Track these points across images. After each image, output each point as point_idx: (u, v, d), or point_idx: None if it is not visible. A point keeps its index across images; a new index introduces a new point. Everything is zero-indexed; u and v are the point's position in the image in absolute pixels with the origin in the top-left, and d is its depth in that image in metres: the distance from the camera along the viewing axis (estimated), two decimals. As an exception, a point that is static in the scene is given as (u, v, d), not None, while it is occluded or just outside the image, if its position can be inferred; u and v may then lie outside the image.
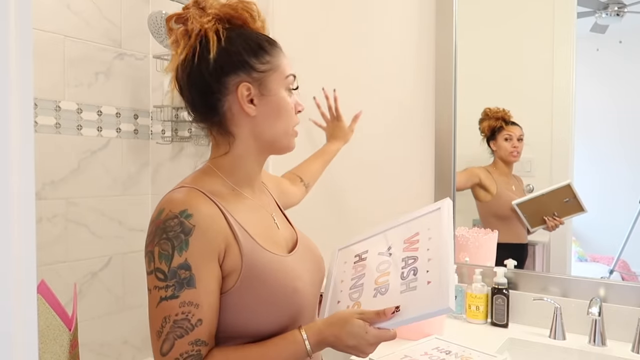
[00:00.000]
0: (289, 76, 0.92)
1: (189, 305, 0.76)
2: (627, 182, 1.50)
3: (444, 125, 1.63)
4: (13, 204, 0.32)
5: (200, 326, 0.76)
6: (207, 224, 0.79)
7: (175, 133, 2.27)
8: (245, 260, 0.81)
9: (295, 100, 0.93)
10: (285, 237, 0.95)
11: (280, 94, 0.90)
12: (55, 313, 0.88)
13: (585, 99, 1.51)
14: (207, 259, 0.78)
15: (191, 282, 0.76)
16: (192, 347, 0.76)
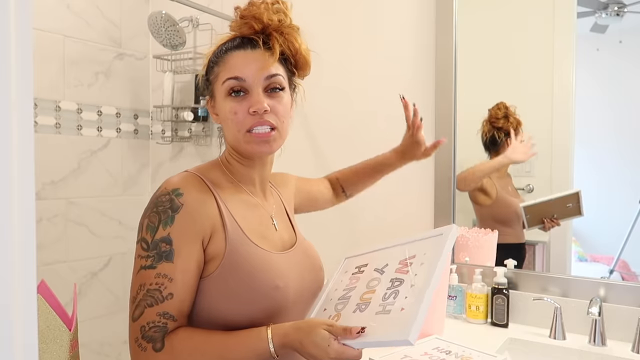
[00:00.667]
0: (225, 81, 0.89)
1: (163, 277, 0.79)
2: (627, 182, 1.50)
3: (444, 125, 1.63)
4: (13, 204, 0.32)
5: (170, 300, 0.79)
6: (196, 206, 0.83)
7: (175, 133, 2.27)
8: (229, 248, 0.84)
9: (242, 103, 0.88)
10: (283, 238, 0.97)
11: (221, 102, 0.91)
12: (55, 313, 0.88)
13: (585, 98, 1.51)
14: (190, 238, 0.81)
15: (170, 256, 0.80)
16: (160, 318, 0.78)
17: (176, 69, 2.20)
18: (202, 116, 2.12)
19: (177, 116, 2.21)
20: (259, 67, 0.88)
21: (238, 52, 0.90)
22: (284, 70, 0.94)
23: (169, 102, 2.16)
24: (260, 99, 0.88)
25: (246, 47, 0.90)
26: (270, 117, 0.89)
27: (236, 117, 0.88)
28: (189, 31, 2.16)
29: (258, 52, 0.90)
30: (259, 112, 0.87)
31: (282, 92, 0.92)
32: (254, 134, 0.88)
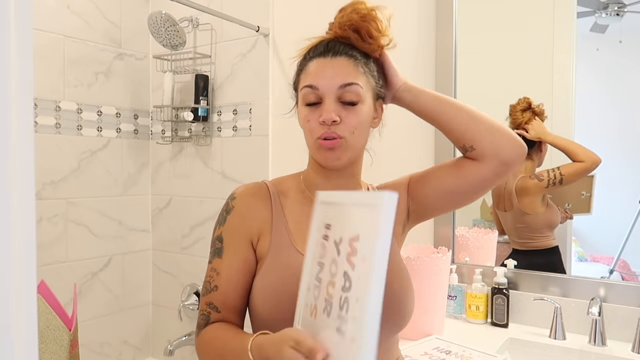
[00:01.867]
0: (301, 89, 0.90)
1: (213, 271, 0.90)
2: (627, 182, 1.50)
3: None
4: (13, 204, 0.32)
5: (214, 292, 0.89)
6: (245, 209, 0.92)
7: (175, 133, 2.27)
8: (272, 251, 0.88)
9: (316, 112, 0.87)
10: None
11: (300, 109, 0.92)
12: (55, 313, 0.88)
13: (585, 98, 1.51)
14: (238, 238, 0.90)
15: (220, 253, 0.90)
16: (207, 307, 0.89)
17: (176, 69, 2.20)
18: (202, 116, 2.12)
19: (177, 116, 2.21)
20: (334, 75, 0.87)
21: (318, 60, 0.89)
22: (365, 80, 0.89)
23: (169, 102, 2.16)
24: (330, 108, 0.86)
25: (327, 54, 0.89)
26: (339, 128, 0.86)
27: (309, 124, 0.88)
28: (189, 31, 2.16)
29: (338, 60, 0.88)
30: (327, 122, 0.86)
31: (358, 104, 0.88)
32: (322, 142, 0.87)
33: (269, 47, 1.99)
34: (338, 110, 0.86)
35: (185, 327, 2.26)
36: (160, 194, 2.36)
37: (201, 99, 2.11)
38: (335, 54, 0.88)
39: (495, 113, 1.67)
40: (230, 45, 2.10)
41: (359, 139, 0.90)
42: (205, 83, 2.12)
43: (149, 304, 2.42)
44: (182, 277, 2.29)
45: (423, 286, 1.34)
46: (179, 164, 2.29)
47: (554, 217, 1.58)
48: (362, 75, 0.89)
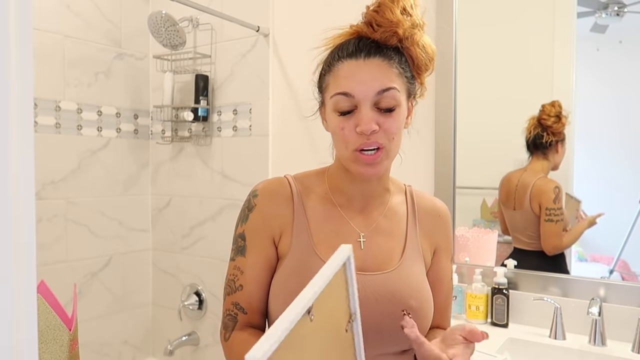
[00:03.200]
0: (332, 96, 0.82)
1: (237, 270, 0.88)
2: (627, 182, 1.50)
3: (444, 125, 1.63)
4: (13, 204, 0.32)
5: (240, 291, 0.87)
6: (267, 206, 0.89)
7: (175, 133, 2.27)
8: (292, 251, 0.86)
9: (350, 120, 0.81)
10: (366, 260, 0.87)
11: (329, 114, 0.85)
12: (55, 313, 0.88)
13: (585, 98, 1.51)
14: (260, 235, 0.88)
15: (244, 251, 0.88)
16: (233, 307, 0.87)
17: (176, 69, 2.20)
18: (202, 116, 2.12)
19: (177, 116, 2.21)
20: (370, 80, 0.80)
21: (350, 62, 0.81)
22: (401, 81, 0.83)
23: (169, 102, 2.16)
24: (368, 118, 0.79)
25: (359, 55, 0.81)
26: (379, 136, 0.80)
27: (343, 132, 0.81)
28: (189, 31, 2.16)
29: (372, 62, 0.81)
30: (366, 132, 0.79)
31: (396, 109, 0.82)
32: (361, 155, 0.81)
33: (269, 47, 1.99)
34: (376, 118, 0.80)
35: (185, 327, 2.26)
36: (160, 194, 2.36)
37: (201, 99, 2.11)
38: (368, 55, 0.81)
39: (494, 113, 1.67)
40: (230, 45, 2.10)
41: (396, 145, 0.85)
42: (205, 83, 2.12)
43: (149, 304, 2.42)
44: (182, 277, 2.29)
45: (423, 286, 1.34)
46: (179, 164, 2.29)
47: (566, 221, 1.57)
48: (397, 76, 0.82)
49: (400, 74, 0.83)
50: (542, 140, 1.53)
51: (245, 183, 2.04)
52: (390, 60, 0.82)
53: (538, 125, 1.54)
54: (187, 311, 2.24)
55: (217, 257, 2.15)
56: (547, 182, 1.55)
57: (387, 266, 0.87)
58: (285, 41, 1.97)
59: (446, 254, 0.95)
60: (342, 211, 0.90)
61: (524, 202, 1.57)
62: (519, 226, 1.61)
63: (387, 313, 0.83)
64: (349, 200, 0.91)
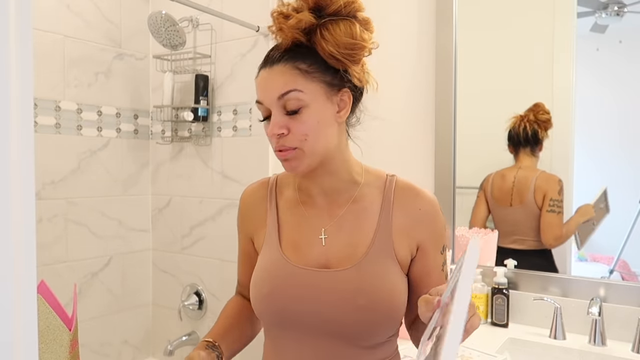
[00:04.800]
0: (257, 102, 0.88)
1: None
2: (627, 182, 1.50)
3: (444, 125, 1.63)
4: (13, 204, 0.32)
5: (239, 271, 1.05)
6: (245, 209, 1.01)
7: (175, 133, 2.27)
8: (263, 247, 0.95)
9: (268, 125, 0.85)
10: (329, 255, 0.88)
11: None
12: (55, 313, 0.88)
13: (585, 98, 1.51)
14: (241, 233, 1.02)
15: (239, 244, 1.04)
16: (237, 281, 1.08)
17: (176, 69, 2.20)
18: (202, 116, 2.12)
19: (177, 116, 2.21)
20: (271, 88, 0.83)
21: (262, 72, 0.86)
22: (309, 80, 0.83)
23: (169, 102, 2.16)
24: (274, 122, 0.83)
25: (267, 64, 0.86)
26: (288, 140, 0.83)
27: (269, 137, 0.87)
28: (189, 31, 2.16)
29: (275, 69, 0.83)
30: (272, 137, 0.85)
31: (303, 109, 0.82)
32: (277, 153, 0.86)
33: (269, 47, 1.98)
34: (285, 122, 0.83)
35: (185, 327, 2.26)
36: (160, 194, 2.36)
37: (201, 99, 2.11)
38: (272, 63, 0.84)
39: (494, 113, 1.67)
40: (230, 45, 2.10)
41: (314, 144, 0.84)
42: (205, 83, 2.12)
43: (149, 304, 2.42)
44: (182, 277, 2.29)
45: (423, 286, 1.34)
46: (179, 164, 2.29)
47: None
48: (302, 76, 0.82)
49: (306, 73, 0.82)
50: (538, 137, 1.56)
51: (245, 183, 2.04)
52: (294, 62, 0.83)
53: (534, 122, 1.56)
54: (187, 311, 2.24)
55: (217, 257, 2.15)
56: (551, 176, 1.58)
57: (347, 263, 0.86)
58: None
59: (434, 247, 0.91)
60: (304, 208, 0.94)
61: (526, 196, 1.58)
62: (513, 223, 1.62)
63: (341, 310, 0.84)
64: (312, 197, 0.94)
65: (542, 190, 1.56)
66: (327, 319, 0.84)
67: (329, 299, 0.84)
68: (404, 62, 1.72)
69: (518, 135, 1.59)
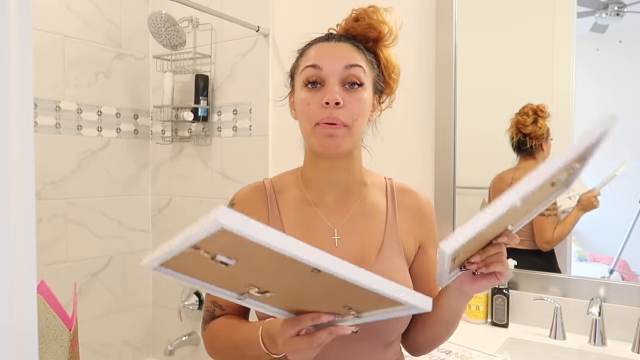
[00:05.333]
0: (302, 70, 0.86)
1: None
2: (627, 182, 1.50)
3: (444, 125, 1.63)
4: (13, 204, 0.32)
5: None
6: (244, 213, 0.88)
7: (175, 133, 2.27)
8: None
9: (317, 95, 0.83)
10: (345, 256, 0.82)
11: (298, 92, 0.88)
12: (55, 313, 0.88)
13: (585, 98, 1.51)
14: None
15: None
16: (210, 305, 0.92)
17: (176, 69, 2.20)
18: (202, 116, 2.12)
19: (177, 116, 2.21)
20: (339, 56, 0.84)
21: (322, 43, 0.88)
22: (368, 67, 0.87)
23: (169, 102, 2.16)
24: (334, 89, 0.82)
25: (330, 39, 0.88)
26: (342, 112, 0.82)
27: (308, 108, 0.84)
28: (189, 31, 2.16)
29: (342, 45, 0.87)
30: (331, 103, 0.81)
31: (360, 88, 0.85)
32: (321, 125, 0.82)
33: (269, 47, 1.99)
34: (341, 94, 0.83)
35: (185, 327, 2.26)
36: (160, 194, 2.36)
37: (201, 99, 2.11)
38: (339, 40, 0.88)
39: (494, 113, 1.67)
40: (230, 45, 2.10)
41: (359, 128, 0.86)
42: (205, 83, 2.12)
43: (149, 304, 2.42)
44: (182, 277, 2.28)
45: (423, 286, 1.34)
46: (179, 164, 2.29)
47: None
48: (365, 61, 0.87)
49: (368, 62, 0.88)
50: (526, 146, 1.57)
51: (245, 183, 2.02)
52: (358, 48, 0.87)
53: (518, 132, 1.57)
54: (187, 311, 2.24)
55: (217, 257, 2.15)
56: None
57: (363, 264, 0.87)
58: (285, 41, 1.97)
59: (432, 245, 0.95)
60: (316, 209, 0.90)
61: None
62: None
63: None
64: (322, 196, 0.91)
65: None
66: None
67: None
68: (404, 62, 1.71)
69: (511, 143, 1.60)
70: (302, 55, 0.91)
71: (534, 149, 1.56)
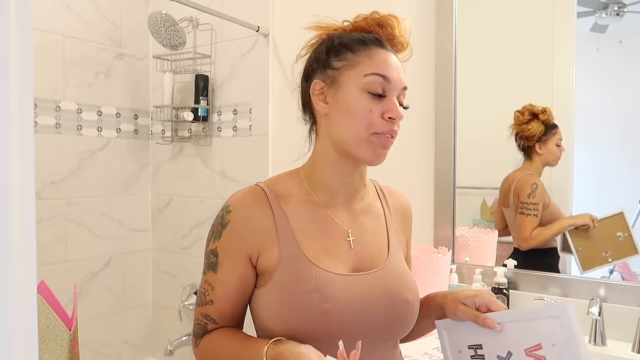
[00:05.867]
0: (368, 75, 0.82)
1: (208, 284, 0.87)
2: (627, 182, 1.50)
3: (444, 125, 1.63)
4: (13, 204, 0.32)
5: (210, 305, 0.87)
6: (243, 224, 0.85)
7: (175, 133, 2.27)
8: (282, 263, 0.83)
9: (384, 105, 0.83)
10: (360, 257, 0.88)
11: (351, 92, 0.83)
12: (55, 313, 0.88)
13: (585, 98, 1.51)
14: (233, 254, 0.85)
15: (215, 268, 0.87)
16: (203, 318, 0.88)
17: (176, 69, 2.20)
18: (202, 116, 2.12)
19: (177, 116, 2.21)
20: (400, 74, 0.86)
21: (383, 50, 0.86)
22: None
23: (169, 102, 2.16)
24: (398, 107, 0.84)
25: (386, 47, 0.87)
26: (397, 128, 0.85)
27: (370, 115, 0.82)
28: (189, 31, 2.16)
29: (396, 59, 0.88)
30: (397, 120, 0.83)
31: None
32: (381, 135, 0.82)
33: (269, 47, 1.99)
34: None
35: (185, 327, 2.26)
36: (160, 194, 2.36)
37: (201, 99, 2.11)
38: (390, 51, 0.88)
39: (494, 113, 1.67)
40: (230, 45, 2.10)
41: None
42: (205, 83, 2.12)
43: (149, 304, 2.42)
44: (182, 277, 2.29)
45: (423, 286, 1.34)
46: (179, 164, 2.29)
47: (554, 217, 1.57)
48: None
49: None
50: (518, 144, 1.59)
51: (245, 183, 2.04)
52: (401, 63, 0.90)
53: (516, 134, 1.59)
54: (187, 311, 2.24)
55: (217, 257, 2.15)
56: (529, 178, 1.58)
57: (378, 263, 0.88)
58: (285, 41, 1.97)
59: (410, 244, 1.02)
60: (327, 211, 0.88)
61: (510, 198, 1.59)
62: (510, 224, 1.63)
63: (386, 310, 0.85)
64: (333, 198, 0.89)
65: (517, 192, 1.58)
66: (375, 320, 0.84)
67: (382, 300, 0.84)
68: (404, 64, 1.72)
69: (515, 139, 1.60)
70: (357, 52, 0.85)
71: (526, 149, 1.58)
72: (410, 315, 0.87)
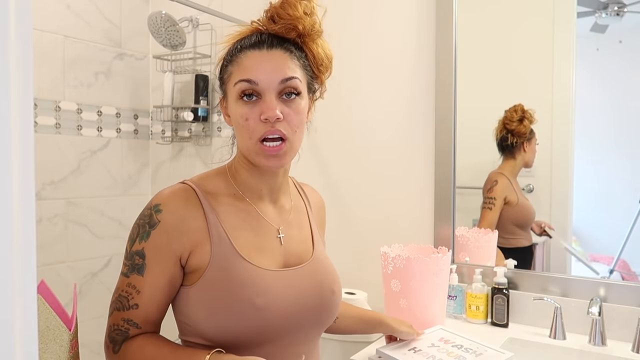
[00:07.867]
0: (236, 83, 0.83)
1: (132, 288, 0.83)
2: (627, 182, 1.50)
3: (444, 125, 1.63)
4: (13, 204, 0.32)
5: (135, 309, 0.83)
6: (173, 224, 0.82)
7: (175, 133, 2.27)
8: (213, 261, 0.82)
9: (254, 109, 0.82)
10: (290, 253, 0.90)
11: (231, 104, 0.85)
12: (55, 313, 0.88)
13: (585, 98, 1.51)
14: (163, 256, 0.82)
15: (141, 270, 0.82)
16: (124, 323, 0.84)
17: (176, 69, 2.20)
18: (202, 116, 2.12)
19: (177, 116, 2.21)
20: (274, 70, 0.82)
21: (253, 52, 0.84)
22: (302, 73, 0.86)
23: (169, 102, 2.16)
24: (273, 105, 0.81)
25: (262, 46, 0.84)
26: (282, 125, 0.82)
27: (247, 123, 0.82)
28: (189, 31, 2.16)
29: (275, 53, 0.84)
30: (271, 119, 0.81)
31: (297, 97, 0.84)
32: (265, 147, 0.82)
33: (269, 47, 1.98)
34: (280, 107, 0.82)
35: (185, 327, 2.26)
36: (160, 194, 2.36)
37: (201, 99, 2.11)
38: (271, 46, 0.84)
39: (494, 113, 1.67)
40: (230, 45, 2.10)
41: (299, 138, 0.86)
42: (205, 83, 2.12)
43: (149, 304, 2.42)
44: (182, 277, 2.29)
45: (423, 286, 1.34)
46: (179, 164, 2.29)
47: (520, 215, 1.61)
48: (299, 67, 0.86)
49: (301, 67, 0.86)
50: (507, 142, 1.59)
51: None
52: (291, 53, 0.85)
53: (503, 128, 1.59)
54: (187, 311, 2.24)
55: (217, 257, 2.15)
56: (494, 175, 1.63)
57: (305, 257, 0.92)
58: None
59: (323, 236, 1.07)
60: (256, 209, 0.90)
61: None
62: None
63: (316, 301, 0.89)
64: (260, 196, 0.91)
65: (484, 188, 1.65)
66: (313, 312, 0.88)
67: (312, 293, 0.88)
68: (405, 65, 1.72)
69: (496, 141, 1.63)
70: (232, 63, 0.86)
71: (514, 146, 1.59)
72: (335, 306, 0.92)
